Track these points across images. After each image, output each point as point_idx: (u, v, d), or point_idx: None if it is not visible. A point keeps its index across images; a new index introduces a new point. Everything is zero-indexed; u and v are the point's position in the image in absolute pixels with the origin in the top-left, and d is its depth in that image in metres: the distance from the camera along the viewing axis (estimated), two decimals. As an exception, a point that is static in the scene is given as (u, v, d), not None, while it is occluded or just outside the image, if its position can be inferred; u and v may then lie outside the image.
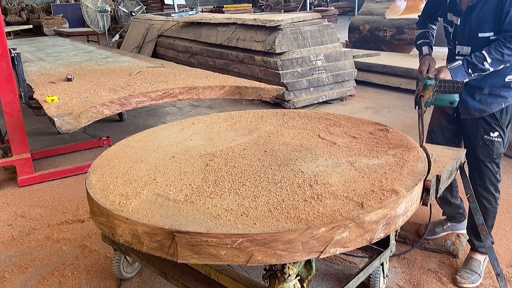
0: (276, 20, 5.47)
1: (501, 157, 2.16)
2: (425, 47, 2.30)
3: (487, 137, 2.11)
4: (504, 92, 2.07)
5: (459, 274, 2.19)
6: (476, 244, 2.25)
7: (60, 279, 2.29)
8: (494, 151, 2.12)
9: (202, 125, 2.36)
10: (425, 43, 2.32)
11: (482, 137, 2.12)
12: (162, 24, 8.02)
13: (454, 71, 2.01)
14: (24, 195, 3.30)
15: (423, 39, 2.35)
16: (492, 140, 2.11)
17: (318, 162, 1.79)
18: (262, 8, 16.72)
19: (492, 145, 2.11)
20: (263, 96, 3.48)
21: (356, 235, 1.38)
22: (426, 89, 2.02)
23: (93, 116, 2.84)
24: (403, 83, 5.93)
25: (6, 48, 3.31)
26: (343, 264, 2.34)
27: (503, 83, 2.06)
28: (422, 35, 2.37)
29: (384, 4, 8.24)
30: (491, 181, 2.15)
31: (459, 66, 2.01)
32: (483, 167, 2.14)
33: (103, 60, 4.73)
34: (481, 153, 2.14)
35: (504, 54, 1.92)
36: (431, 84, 2.00)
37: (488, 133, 2.11)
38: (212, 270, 1.78)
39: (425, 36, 2.35)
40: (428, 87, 2.01)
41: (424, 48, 2.30)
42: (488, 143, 2.12)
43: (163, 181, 1.66)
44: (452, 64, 2.04)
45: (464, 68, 2.00)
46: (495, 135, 2.10)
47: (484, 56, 1.95)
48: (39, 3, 17.23)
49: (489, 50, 1.95)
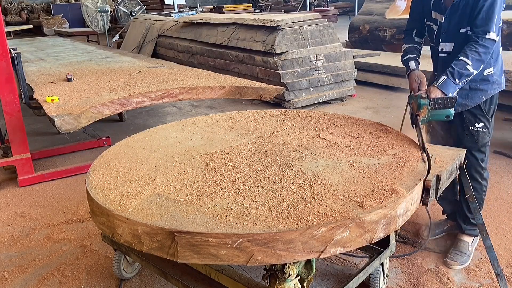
0: (276, 20, 5.47)
1: (486, 145, 2.25)
2: (412, 61, 2.29)
3: (472, 128, 2.20)
4: (483, 85, 2.15)
5: (449, 256, 2.29)
6: (463, 227, 2.36)
7: (60, 279, 2.29)
8: (480, 141, 2.21)
9: (202, 125, 2.36)
10: (412, 58, 2.31)
11: (468, 128, 2.21)
12: (162, 24, 8.02)
13: (443, 87, 2.02)
14: (24, 195, 3.30)
15: (409, 54, 2.33)
16: (477, 130, 2.20)
17: (318, 162, 1.79)
18: (262, 8, 16.72)
19: (477, 135, 2.20)
20: (263, 96, 3.48)
21: (356, 235, 1.38)
22: (421, 108, 2.05)
23: (93, 116, 2.84)
24: (403, 83, 5.92)
25: (6, 48, 3.31)
26: (343, 264, 2.34)
27: (482, 77, 2.13)
28: (409, 50, 2.35)
29: (384, 4, 8.24)
30: (476, 170, 2.24)
31: (445, 80, 2.02)
32: (469, 155, 2.18)
33: (103, 60, 4.73)
34: (466, 142, 2.21)
35: (480, 53, 1.97)
36: (425, 103, 2.03)
37: (473, 124, 2.20)
38: (212, 270, 1.78)
39: (411, 51, 2.34)
40: (422, 106, 2.04)
41: (411, 63, 2.28)
42: (474, 133, 2.21)
43: (163, 181, 1.66)
44: (438, 81, 2.05)
45: (450, 80, 2.01)
46: (480, 126, 2.19)
47: (464, 61, 1.99)
48: (39, 3, 17.23)
49: (466, 54, 1.99)
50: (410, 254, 2.40)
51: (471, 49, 1.99)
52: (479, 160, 2.23)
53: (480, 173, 2.26)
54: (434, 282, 2.19)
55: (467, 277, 2.22)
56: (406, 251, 2.44)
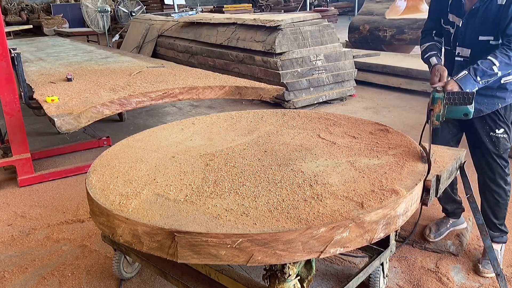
0: (276, 20, 5.47)
1: (507, 151, 2.22)
2: (433, 57, 2.21)
3: (493, 134, 2.18)
4: (500, 93, 2.12)
5: (481, 265, 2.25)
6: (491, 234, 2.28)
7: (60, 279, 2.29)
8: (501, 147, 2.18)
9: (202, 125, 2.36)
10: (433, 54, 2.23)
11: (488, 134, 2.18)
12: (162, 24, 8.02)
13: (462, 81, 1.95)
14: (24, 195, 3.30)
15: (430, 51, 2.26)
16: (498, 136, 2.18)
17: (318, 162, 1.79)
18: (262, 8, 16.72)
19: (498, 141, 2.18)
20: (263, 96, 3.48)
21: (356, 235, 1.38)
22: (435, 102, 1.91)
23: (93, 116, 2.84)
24: (403, 83, 5.93)
25: (6, 48, 3.31)
26: (343, 264, 2.34)
27: (499, 84, 2.10)
28: (429, 48, 2.28)
29: (384, 4, 8.24)
30: (500, 175, 2.22)
31: (465, 75, 1.96)
32: (492, 162, 2.20)
33: (103, 60, 4.73)
34: (488, 149, 2.19)
35: (511, 56, 1.92)
36: (439, 97, 1.89)
37: (493, 130, 2.17)
38: (212, 270, 1.78)
39: (431, 49, 2.27)
40: (436, 100, 1.90)
41: (432, 59, 2.21)
42: (494, 139, 2.18)
43: (163, 181, 1.66)
44: (458, 75, 1.98)
45: (472, 76, 1.95)
46: (500, 132, 2.17)
47: (492, 61, 1.93)
48: (39, 3, 17.22)
49: (495, 55, 1.94)
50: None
51: (502, 52, 1.94)
52: (502, 166, 2.21)
53: (505, 178, 2.23)
54: (434, 282, 2.19)
55: (467, 277, 2.22)
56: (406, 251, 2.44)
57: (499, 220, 2.29)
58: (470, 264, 2.32)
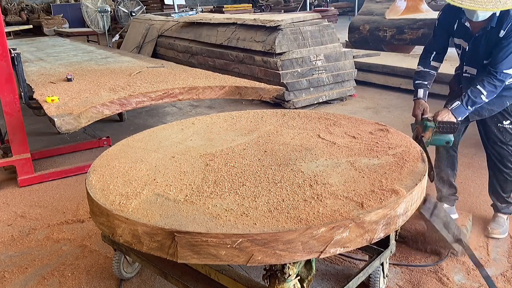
0: (276, 20, 5.46)
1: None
2: (421, 90, 2.40)
3: (500, 125, 2.39)
4: (507, 93, 2.31)
5: (490, 227, 2.53)
6: (499, 206, 2.58)
7: (60, 279, 2.29)
8: (507, 136, 2.41)
9: (202, 125, 2.36)
10: (423, 85, 2.42)
11: (496, 125, 2.40)
12: (162, 24, 8.01)
13: (455, 111, 2.20)
14: (24, 195, 3.30)
15: (422, 80, 2.44)
16: (505, 127, 2.40)
17: (318, 162, 1.79)
18: (262, 8, 16.72)
19: (505, 131, 2.41)
20: (263, 96, 3.48)
21: (356, 235, 1.38)
22: (426, 130, 2.20)
23: (93, 116, 2.84)
24: (403, 83, 5.93)
25: (6, 48, 3.31)
26: (343, 264, 2.34)
27: (505, 86, 2.24)
28: (421, 75, 2.45)
29: (384, 4, 8.24)
30: (507, 159, 2.45)
31: (458, 106, 2.20)
32: (500, 149, 2.43)
33: (103, 60, 4.73)
34: (496, 138, 2.42)
35: (497, 86, 2.16)
36: (431, 126, 2.19)
37: (501, 122, 2.38)
38: (212, 270, 1.78)
39: (424, 77, 2.44)
40: (428, 128, 2.20)
41: (420, 91, 2.40)
42: (502, 129, 2.41)
43: (163, 181, 1.66)
44: (451, 105, 2.21)
45: (463, 106, 2.19)
46: (507, 123, 2.39)
47: (480, 91, 2.17)
48: (39, 3, 17.22)
49: (483, 84, 2.17)
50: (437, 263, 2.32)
51: (489, 82, 2.16)
52: (508, 151, 2.43)
53: (511, 161, 2.45)
54: (434, 282, 2.19)
55: (467, 277, 2.22)
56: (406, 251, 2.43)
57: (506, 194, 2.54)
58: (470, 264, 2.32)
